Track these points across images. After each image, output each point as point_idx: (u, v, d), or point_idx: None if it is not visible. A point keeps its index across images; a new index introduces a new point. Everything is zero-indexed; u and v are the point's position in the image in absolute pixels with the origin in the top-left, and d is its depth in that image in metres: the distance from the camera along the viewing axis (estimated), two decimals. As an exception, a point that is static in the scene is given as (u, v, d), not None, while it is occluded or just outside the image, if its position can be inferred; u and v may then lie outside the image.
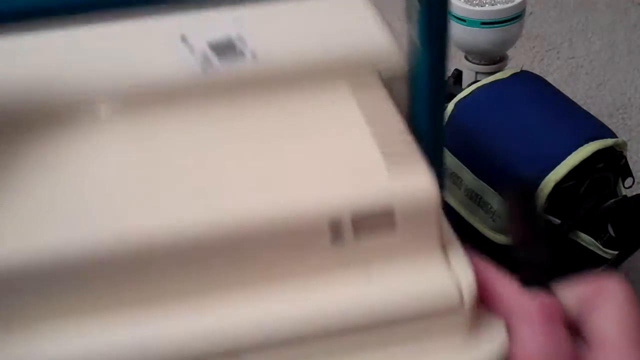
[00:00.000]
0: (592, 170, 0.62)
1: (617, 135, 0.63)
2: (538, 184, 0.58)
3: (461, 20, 0.71)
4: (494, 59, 0.76)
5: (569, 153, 0.59)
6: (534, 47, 1.08)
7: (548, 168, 0.59)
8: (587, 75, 1.02)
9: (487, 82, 0.69)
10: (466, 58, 0.77)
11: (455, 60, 1.05)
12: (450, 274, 0.29)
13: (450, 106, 0.70)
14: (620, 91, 0.99)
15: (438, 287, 0.28)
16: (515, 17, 0.71)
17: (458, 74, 0.80)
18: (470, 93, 0.69)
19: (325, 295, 0.28)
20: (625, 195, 0.63)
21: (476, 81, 0.73)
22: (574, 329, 0.28)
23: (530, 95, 0.67)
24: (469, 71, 0.77)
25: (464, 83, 0.79)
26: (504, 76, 0.70)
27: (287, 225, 0.28)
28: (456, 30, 0.72)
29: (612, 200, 0.62)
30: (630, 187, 0.64)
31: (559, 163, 0.59)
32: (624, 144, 0.62)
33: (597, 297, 0.28)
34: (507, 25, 0.71)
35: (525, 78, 0.70)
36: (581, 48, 1.07)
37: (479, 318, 0.29)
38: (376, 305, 0.28)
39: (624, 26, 1.12)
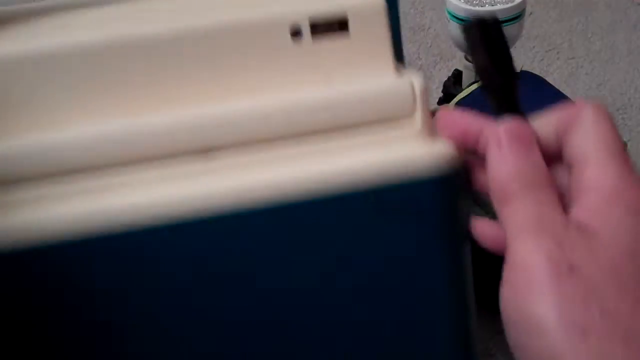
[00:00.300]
0: (592, 170, 0.62)
1: (617, 135, 0.63)
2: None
3: (461, 20, 0.71)
4: (493, 59, 0.76)
5: (569, 153, 0.59)
6: (534, 47, 1.08)
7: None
8: (587, 75, 1.02)
9: (487, 82, 0.69)
10: (466, 58, 0.77)
11: (455, 60, 1.05)
12: (403, 79, 0.31)
13: (450, 106, 0.70)
14: (620, 91, 0.99)
15: (392, 87, 0.31)
16: (515, 17, 0.71)
17: (458, 74, 0.80)
18: (470, 93, 0.69)
19: (289, 95, 0.31)
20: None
21: (476, 81, 0.73)
22: (556, 159, 0.27)
23: (530, 96, 0.67)
24: (469, 71, 0.77)
25: (464, 83, 0.79)
26: (504, 76, 0.70)
27: (252, 26, 0.31)
28: (456, 31, 0.72)
29: (612, 201, 0.62)
30: (630, 187, 0.63)
31: (558, 163, 0.59)
32: (624, 144, 0.62)
33: (573, 120, 0.27)
34: (507, 25, 0.71)
35: (525, 78, 0.70)
36: (581, 48, 1.07)
37: (434, 133, 0.31)
38: (336, 102, 0.31)
39: (624, 26, 1.12)
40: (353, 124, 0.31)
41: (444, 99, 0.82)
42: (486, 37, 0.29)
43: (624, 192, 0.25)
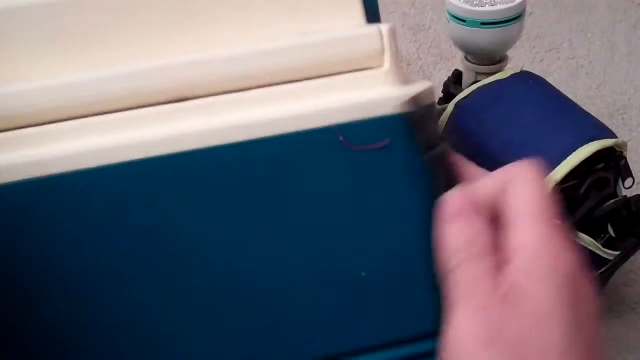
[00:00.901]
0: (592, 170, 0.62)
1: (617, 135, 0.63)
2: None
3: (461, 20, 0.71)
4: (493, 59, 0.76)
5: (569, 153, 0.59)
6: (534, 47, 1.08)
7: (548, 168, 0.59)
8: (587, 75, 1.02)
9: (487, 82, 0.69)
10: (466, 58, 0.77)
11: (455, 60, 1.05)
12: (370, 25, 0.32)
13: (450, 106, 0.70)
14: (620, 91, 0.99)
15: (360, 32, 0.31)
16: (515, 17, 0.71)
17: (458, 74, 0.81)
18: (470, 93, 0.69)
19: (254, 40, 0.31)
20: (625, 196, 0.63)
21: (476, 81, 0.73)
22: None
23: (530, 96, 0.67)
24: (469, 71, 0.77)
25: (464, 83, 0.79)
26: (504, 76, 0.70)
27: None
28: (456, 31, 0.72)
29: (612, 201, 0.62)
30: (630, 187, 0.64)
31: (559, 163, 0.59)
32: (624, 144, 0.62)
33: (506, 184, 0.29)
34: (507, 25, 0.71)
35: (525, 78, 0.70)
36: (581, 48, 1.07)
37: (404, 79, 0.32)
38: (306, 45, 0.31)
39: (624, 26, 1.12)
40: (320, 68, 0.32)
41: (444, 99, 0.82)
42: (422, 122, 0.31)
43: (545, 256, 0.27)
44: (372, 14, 0.34)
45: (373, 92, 0.31)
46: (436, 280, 0.31)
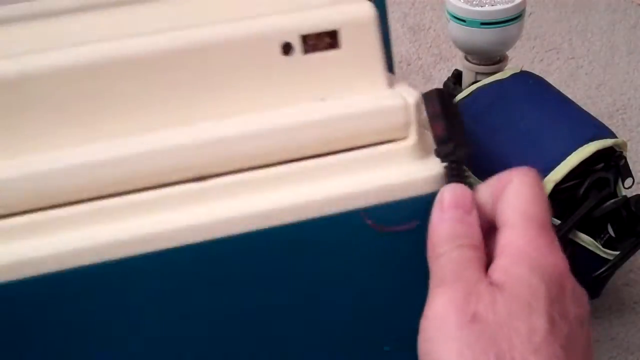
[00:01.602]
0: (592, 170, 0.62)
1: (617, 135, 0.63)
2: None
3: (461, 20, 0.71)
4: (493, 59, 0.76)
5: (569, 153, 0.59)
6: (534, 47, 1.08)
7: (548, 168, 0.59)
8: (587, 76, 1.02)
9: (487, 82, 0.69)
10: (466, 58, 0.77)
11: (455, 61, 1.05)
12: (395, 94, 0.31)
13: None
14: (620, 91, 0.99)
15: (385, 103, 0.31)
16: (515, 18, 0.71)
17: (458, 74, 0.80)
18: (470, 93, 0.69)
19: (280, 114, 0.31)
20: (625, 196, 0.63)
21: (476, 81, 0.73)
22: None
23: (530, 96, 0.67)
24: (468, 71, 0.77)
25: (464, 83, 0.79)
26: (504, 76, 0.70)
27: (242, 42, 0.31)
28: (456, 31, 0.72)
29: (612, 201, 0.62)
30: (630, 187, 0.64)
31: (558, 163, 0.59)
32: (624, 144, 0.62)
33: (501, 188, 0.30)
34: (507, 25, 0.71)
35: (525, 78, 0.70)
36: (581, 48, 1.07)
37: (428, 150, 0.32)
38: (331, 118, 0.31)
39: (623, 26, 1.12)
40: (346, 142, 0.31)
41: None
42: (443, 106, 0.31)
43: (529, 254, 0.27)
44: (389, 65, 0.33)
45: (400, 171, 0.30)
46: None
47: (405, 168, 0.31)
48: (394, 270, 0.31)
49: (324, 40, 0.31)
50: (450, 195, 0.30)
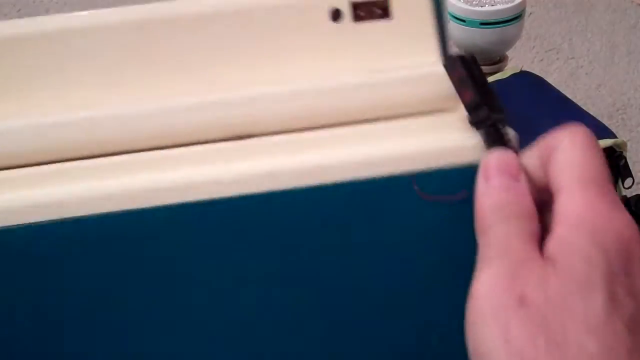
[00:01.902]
0: (592, 170, 0.62)
1: (617, 135, 0.63)
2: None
3: (461, 20, 0.71)
4: (493, 59, 0.76)
5: (569, 153, 0.59)
6: (534, 47, 1.08)
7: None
8: (587, 76, 1.02)
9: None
10: (466, 58, 0.77)
11: (455, 61, 1.05)
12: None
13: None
14: (620, 91, 0.99)
15: (436, 74, 0.30)
16: (515, 18, 0.71)
17: (458, 74, 0.80)
18: (470, 93, 0.69)
19: (327, 80, 0.30)
20: (625, 196, 0.63)
21: (476, 81, 0.73)
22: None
23: (530, 96, 0.67)
24: (468, 71, 0.77)
25: (464, 83, 0.79)
26: (504, 76, 0.70)
27: (290, 6, 0.30)
28: (456, 31, 0.72)
29: (612, 201, 0.62)
30: (630, 187, 0.64)
31: (558, 163, 0.59)
32: (624, 144, 0.62)
33: (550, 150, 0.27)
34: (507, 25, 0.71)
35: (524, 78, 0.70)
36: (581, 48, 1.07)
37: None
38: (379, 83, 0.30)
39: (623, 26, 1.12)
40: (392, 109, 0.30)
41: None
42: (469, 72, 0.29)
43: (590, 221, 0.24)
44: (444, 45, 0.32)
45: (450, 139, 0.29)
46: None
47: (455, 136, 0.29)
48: (442, 245, 0.30)
49: (374, 10, 0.31)
50: (494, 161, 0.27)
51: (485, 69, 0.76)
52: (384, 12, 0.31)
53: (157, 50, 0.30)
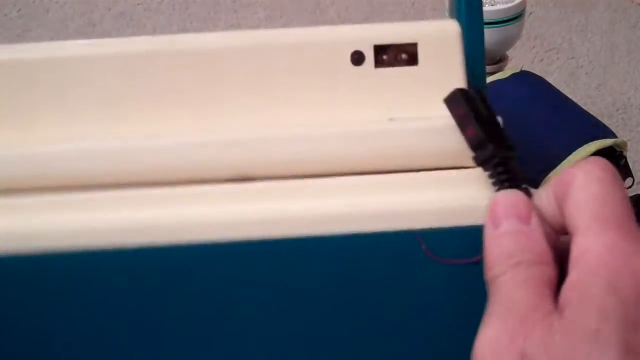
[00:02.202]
0: (592, 170, 0.62)
1: (617, 135, 0.63)
2: (539, 182, 0.58)
3: (461, 20, 0.71)
4: (493, 59, 0.76)
5: (569, 153, 0.59)
6: (534, 47, 1.08)
7: (548, 168, 0.59)
8: (587, 75, 1.02)
9: (487, 82, 0.69)
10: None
11: (455, 61, 1.05)
12: None
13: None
14: (620, 91, 0.99)
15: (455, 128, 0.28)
16: (515, 17, 0.71)
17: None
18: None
19: (342, 124, 0.29)
20: (625, 196, 0.63)
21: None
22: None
23: (530, 96, 0.67)
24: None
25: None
26: (504, 76, 0.70)
27: (313, 46, 0.29)
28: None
29: (612, 201, 0.62)
30: (630, 187, 0.63)
31: (558, 163, 0.59)
32: (624, 144, 0.62)
33: (566, 188, 0.24)
34: (507, 25, 0.71)
35: (525, 78, 0.70)
36: (581, 48, 1.07)
37: None
38: (394, 134, 0.28)
39: (624, 26, 1.12)
40: (406, 161, 0.28)
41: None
42: (473, 107, 0.27)
43: (607, 265, 0.22)
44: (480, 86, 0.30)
45: (464, 195, 0.27)
46: None
47: (471, 195, 0.27)
48: (448, 307, 0.28)
49: (400, 56, 0.29)
50: (501, 204, 0.25)
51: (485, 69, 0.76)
52: (410, 59, 0.29)
53: (172, 85, 0.30)
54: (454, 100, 0.27)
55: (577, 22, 1.13)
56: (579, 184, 0.24)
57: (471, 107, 0.27)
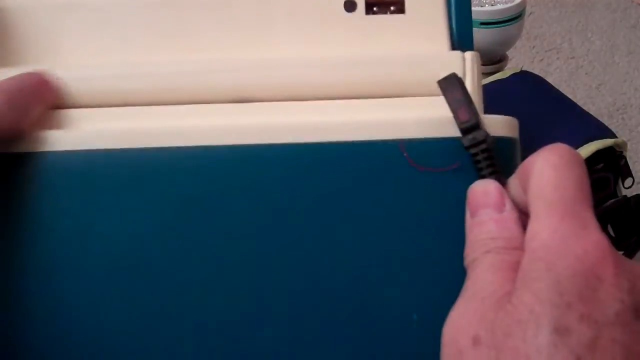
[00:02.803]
0: (592, 170, 0.62)
1: (617, 135, 0.63)
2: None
3: (461, 20, 0.71)
4: (493, 59, 0.76)
5: (569, 153, 0.59)
6: (534, 47, 1.08)
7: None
8: (587, 75, 1.02)
9: (487, 82, 0.69)
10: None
11: (455, 61, 1.05)
12: (454, 54, 0.31)
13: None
14: (620, 91, 0.99)
15: (444, 57, 0.31)
16: (515, 17, 0.71)
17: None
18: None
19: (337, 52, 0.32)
20: (625, 196, 0.63)
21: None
22: None
23: (530, 96, 0.67)
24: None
25: (464, 83, 0.79)
26: (504, 76, 0.70)
27: None
28: (456, 31, 0.72)
29: (612, 200, 0.62)
30: (630, 187, 0.64)
31: (558, 163, 0.59)
32: (624, 144, 0.62)
33: (528, 175, 0.25)
34: (507, 25, 0.71)
35: (525, 78, 0.70)
36: (581, 48, 1.07)
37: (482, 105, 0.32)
38: (382, 61, 0.31)
39: (624, 26, 1.12)
40: (394, 88, 0.31)
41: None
42: (465, 91, 0.29)
43: (547, 249, 0.23)
44: (466, 43, 0.33)
45: (446, 113, 0.29)
46: None
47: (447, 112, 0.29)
48: (430, 220, 0.29)
49: (389, 6, 0.32)
50: (478, 194, 0.27)
51: (485, 68, 0.76)
52: (398, 7, 0.32)
53: (167, 24, 0.33)
54: (450, 84, 0.29)
55: (577, 22, 1.13)
56: (536, 171, 0.25)
57: (464, 91, 0.29)
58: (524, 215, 0.26)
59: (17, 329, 0.29)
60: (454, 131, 0.28)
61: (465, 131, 0.28)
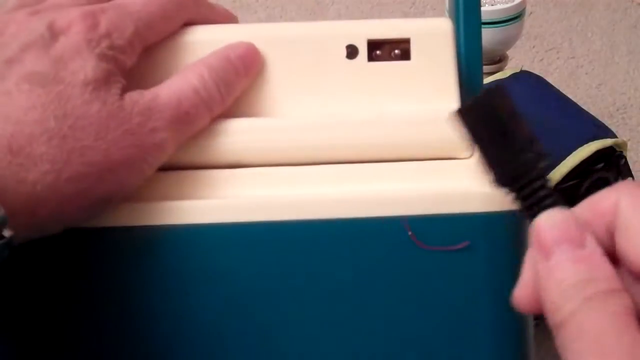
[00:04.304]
0: (592, 170, 0.62)
1: (617, 135, 0.63)
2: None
3: (461, 20, 0.71)
4: (493, 59, 0.76)
5: (569, 153, 0.59)
6: (534, 47, 1.08)
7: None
8: (587, 75, 1.02)
9: (487, 82, 0.69)
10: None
11: (455, 60, 1.05)
12: None
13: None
14: (620, 91, 0.99)
15: (445, 115, 0.27)
16: (515, 17, 0.71)
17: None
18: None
19: (339, 116, 0.30)
20: (625, 196, 0.63)
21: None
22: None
23: (530, 96, 0.67)
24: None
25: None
26: (504, 76, 0.70)
27: (309, 39, 0.30)
28: (456, 30, 0.72)
29: (612, 201, 0.62)
30: (630, 187, 0.63)
31: (558, 163, 0.59)
32: (624, 144, 0.62)
33: (606, 211, 0.22)
34: (507, 25, 0.71)
35: (524, 78, 0.70)
36: (581, 48, 1.07)
37: None
38: (388, 127, 0.29)
39: (624, 26, 1.12)
40: (400, 150, 0.29)
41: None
42: (489, 118, 0.23)
43: None
44: (475, 87, 0.31)
45: (455, 185, 0.27)
46: None
47: (462, 184, 0.27)
48: (435, 295, 0.27)
49: (393, 51, 0.30)
50: (548, 229, 0.21)
51: (485, 68, 0.75)
52: (403, 53, 0.30)
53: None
54: (464, 116, 0.23)
55: (577, 22, 1.13)
56: (627, 209, 0.21)
57: (488, 118, 0.23)
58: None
59: None
60: (462, 207, 0.26)
61: (494, 170, 0.23)
